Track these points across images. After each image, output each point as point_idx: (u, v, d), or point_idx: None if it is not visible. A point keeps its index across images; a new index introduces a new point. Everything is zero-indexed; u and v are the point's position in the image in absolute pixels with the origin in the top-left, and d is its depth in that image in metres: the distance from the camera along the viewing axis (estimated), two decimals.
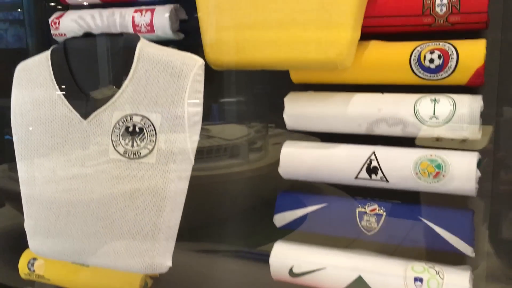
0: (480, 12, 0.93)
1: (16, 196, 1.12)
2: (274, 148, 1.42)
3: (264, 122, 1.37)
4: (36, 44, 2.01)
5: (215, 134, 1.39)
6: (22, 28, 2.12)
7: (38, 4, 2.01)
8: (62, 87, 0.99)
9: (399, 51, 0.99)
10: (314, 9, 0.96)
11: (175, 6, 1.17)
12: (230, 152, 1.42)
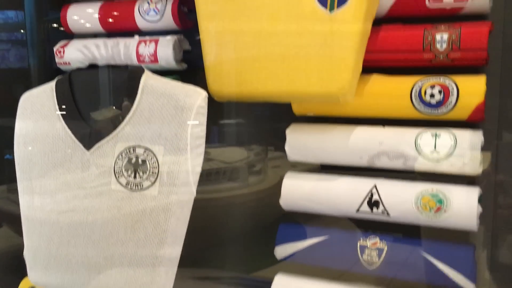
0: (480, 49, 0.94)
1: (14, 218, 1.12)
2: (273, 171, 1.42)
3: (264, 145, 1.37)
4: (38, 64, 2.04)
5: (214, 156, 1.40)
6: (24, 48, 2.15)
7: (41, 25, 2.04)
8: (66, 118, 1.00)
9: (400, 85, 1.00)
10: (317, 44, 0.98)
11: (179, 37, 1.18)
12: (230, 175, 1.42)
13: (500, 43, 1.00)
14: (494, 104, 1.00)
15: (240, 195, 1.42)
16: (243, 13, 1.03)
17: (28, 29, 2.05)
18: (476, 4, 0.96)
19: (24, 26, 2.07)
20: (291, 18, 0.99)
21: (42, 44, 2.06)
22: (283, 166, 1.16)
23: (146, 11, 1.18)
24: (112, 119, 0.97)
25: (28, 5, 2.03)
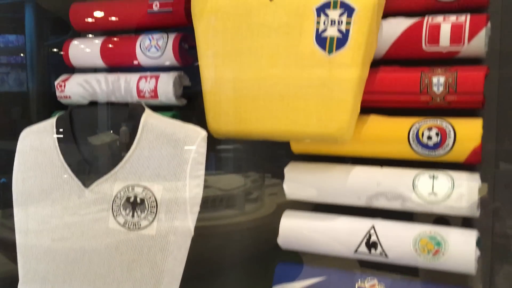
0: (476, 93, 0.96)
1: (8, 244, 1.11)
2: (270, 199, 1.42)
3: (261, 172, 1.38)
4: (36, 88, 2.05)
5: (211, 184, 1.40)
6: (23, 72, 2.16)
7: (41, 50, 2.06)
8: (66, 155, 1.00)
9: (397, 126, 1.01)
10: (316, 85, 0.99)
11: (179, 73, 1.20)
12: (226, 202, 1.42)
13: (496, 87, 1.01)
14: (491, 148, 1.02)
15: (237, 223, 1.42)
16: (243, 53, 1.04)
17: (28, 53, 2.08)
18: (472, 48, 0.97)
19: (24, 50, 2.09)
20: (290, 59, 1.01)
21: (42, 69, 2.07)
22: (280, 194, 1.16)
23: (147, 47, 1.20)
24: (111, 157, 0.98)
25: (29, 30, 2.06)
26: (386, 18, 1.03)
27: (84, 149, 1.00)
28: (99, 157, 0.99)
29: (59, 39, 2.16)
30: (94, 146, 1.00)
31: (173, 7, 1.18)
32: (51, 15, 1.93)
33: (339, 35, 0.97)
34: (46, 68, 2.14)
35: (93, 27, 1.29)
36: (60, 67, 2.10)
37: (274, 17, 1.01)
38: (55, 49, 2.17)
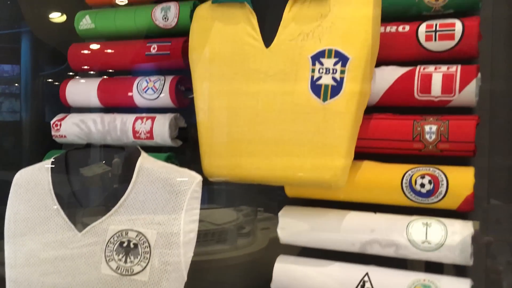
0: (467, 141, 0.98)
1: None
2: (262, 234, 1.41)
3: (253, 206, 1.37)
4: (30, 118, 2.05)
5: (203, 218, 1.39)
6: (17, 101, 2.17)
7: (36, 80, 2.07)
8: (60, 199, 1.00)
9: (391, 173, 1.02)
10: (310, 131, 1.00)
11: (175, 115, 1.21)
12: (218, 237, 1.41)
13: (487, 134, 1.03)
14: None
15: (228, 258, 1.41)
16: (239, 98, 1.06)
17: (23, 83, 2.09)
18: (463, 98, 1.00)
19: (19, 80, 2.11)
20: (285, 105, 1.02)
21: (36, 98, 2.08)
22: (272, 228, 1.15)
23: (144, 89, 1.21)
24: (105, 201, 0.98)
25: (25, 60, 2.07)
26: (380, 66, 1.06)
27: (79, 192, 1.00)
28: (94, 200, 0.99)
29: (54, 70, 2.18)
30: (89, 190, 1.00)
31: (171, 50, 1.20)
32: (47, 46, 1.95)
33: (334, 83, 0.99)
34: (40, 98, 2.15)
35: (91, 67, 1.31)
36: (54, 98, 2.11)
37: (270, 64, 1.03)
38: (50, 80, 2.19)
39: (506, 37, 1.08)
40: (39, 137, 2.05)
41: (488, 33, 1.05)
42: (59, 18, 1.74)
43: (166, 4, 1.21)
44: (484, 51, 1.04)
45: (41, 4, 1.76)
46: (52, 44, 1.90)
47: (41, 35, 1.91)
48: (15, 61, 2.10)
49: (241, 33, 1.06)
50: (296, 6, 1.02)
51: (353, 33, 0.98)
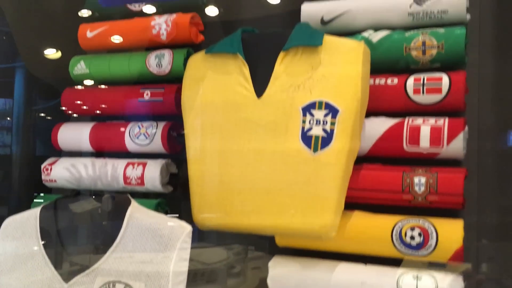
0: (456, 194, 0.99)
1: None
2: (253, 273, 1.39)
3: (244, 244, 1.36)
4: (20, 152, 2.04)
5: (192, 257, 1.37)
6: (8, 135, 2.16)
7: (28, 114, 2.07)
8: (47, 248, 0.98)
9: (381, 225, 1.02)
10: (301, 182, 1.01)
11: (167, 161, 1.21)
12: (208, 277, 1.38)
13: (475, 187, 1.05)
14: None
15: None
16: (230, 147, 1.06)
17: (15, 117, 2.08)
18: (451, 150, 1.01)
19: (11, 114, 2.10)
20: (276, 156, 1.03)
21: (27, 132, 2.08)
22: (263, 268, 1.14)
23: (136, 135, 1.22)
24: (94, 251, 0.96)
25: (18, 94, 2.07)
26: (369, 117, 1.08)
27: (67, 242, 0.99)
28: (82, 251, 0.98)
29: (47, 105, 2.19)
30: (78, 240, 0.99)
31: (164, 97, 1.21)
32: (41, 81, 1.95)
33: (324, 134, 1.00)
34: (32, 133, 2.14)
35: (84, 112, 1.31)
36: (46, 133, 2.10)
37: (261, 114, 1.05)
38: (42, 114, 2.19)
39: (492, 90, 1.10)
40: (29, 171, 2.04)
41: (475, 86, 1.08)
42: (53, 54, 1.76)
43: (160, 52, 1.23)
44: (471, 104, 1.06)
45: (36, 40, 1.78)
46: (46, 79, 1.92)
47: (35, 71, 1.93)
48: (8, 95, 2.10)
49: (233, 83, 1.07)
50: (288, 58, 1.05)
51: (343, 86, 1.00)
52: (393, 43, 1.08)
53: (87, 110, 1.30)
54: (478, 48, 1.10)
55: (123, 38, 1.26)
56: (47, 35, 1.74)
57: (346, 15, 1.14)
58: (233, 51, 1.07)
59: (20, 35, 1.85)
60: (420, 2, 1.08)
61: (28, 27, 1.77)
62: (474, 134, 1.05)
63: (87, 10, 1.39)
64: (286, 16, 1.33)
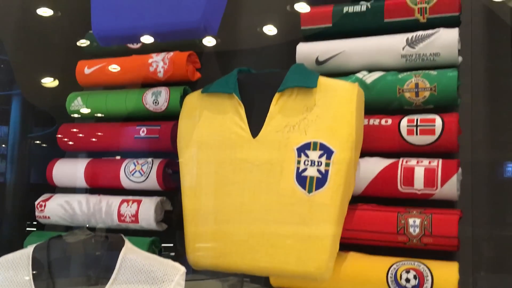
0: (450, 236, 0.99)
1: None
2: None
3: (239, 276, 1.34)
4: (14, 180, 2.03)
5: None
6: (3, 163, 2.15)
7: (23, 142, 2.07)
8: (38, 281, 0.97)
9: (376, 267, 1.02)
10: (296, 222, 1.01)
11: (162, 199, 1.21)
12: None
13: (470, 230, 1.05)
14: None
15: None
16: (225, 186, 1.06)
17: (10, 145, 2.08)
18: (445, 192, 1.02)
19: (7, 141, 2.10)
20: (271, 196, 1.03)
21: (22, 160, 2.07)
22: None
23: (131, 172, 1.22)
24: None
25: (14, 122, 2.08)
26: (364, 157, 1.09)
27: (60, 283, 0.98)
28: None
29: (43, 133, 2.18)
30: (71, 282, 0.98)
31: (160, 134, 1.22)
32: (37, 109, 1.96)
33: (319, 175, 1.01)
34: (27, 160, 2.14)
35: (80, 148, 1.32)
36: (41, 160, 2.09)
37: (256, 154, 1.05)
38: (37, 142, 2.19)
39: (484, 131, 1.12)
40: (23, 199, 2.02)
41: (468, 127, 1.09)
42: (50, 83, 1.77)
43: (157, 89, 1.25)
44: (464, 145, 1.07)
45: (33, 69, 1.79)
46: (42, 107, 1.92)
47: (32, 99, 1.94)
48: (4, 122, 2.10)
49: (229, 122, 1.08)
50: (283, 99, 1.06)
51: (338, 127, 1.01)
52: (387, 84, 1.10)
53: (83, 146, 1.30)
54: (470, 89, 1.12)
55: (121, 75, 1.27)
56: (44, 64, 1.75)
57: (341, 56, 1.16)
58: (229, 91, 1.08)
59: (18, 63, 1.87)
60: (413, 44, 1.10)
61: (26, 56, 1.78)
62: (468, 173, 1.06)
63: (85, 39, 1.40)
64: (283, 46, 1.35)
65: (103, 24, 1.11)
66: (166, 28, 1.09)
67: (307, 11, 1.21)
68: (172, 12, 1.06)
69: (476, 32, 1.14)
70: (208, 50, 1.32)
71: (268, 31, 1.45)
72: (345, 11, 1.17)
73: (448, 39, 1.07)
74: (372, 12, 1.15)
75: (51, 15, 1.71)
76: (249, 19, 1.44)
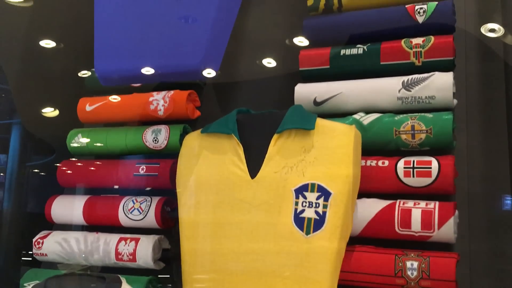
0: (448, 280, 0.99)
1: None
2: None
3: None
4: (11, 209, 2.02)
5: None
6: (0, 191, 2.14)
7: (22, 170, 2.07)
8: None
9: None
10: (293, 264, 1.01)
11: (160, 237, 1.21)
12: None
13: (467, 270, 1.05)
14: None
15: None
16: (223, 226, 1.07)
17: (8, 173, 2.08)
18: (442, 234, 1.02)
19: (5, 170, 2.10)
20: (269, 237, 1.03)
21: (19, 189, 2.07)
22: None
23: (130, 209, 1.22)
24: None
25: (13, 150, 2.08)
26: (361, 198, 1.09)
27: None
28: None
29: (41, 161, 2.19)
30: None
31: (159, 171, 1.23)
32: (36, 138, 1.97)
33: (316, 217, 1.01)
34: (25, 189, 2.14)
35: (79, 185, 1.32)
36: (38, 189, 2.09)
37: (255, 194, 1.06)
38: (36, 170, 2.19)
39: (481, 173, 1.13)
40: (19, 229, 2.01)
41: (463, 169, 1.11)
42: (50, 112, 1.79)
43: (157, 127, 1.26)
44: (460, 187, 1.08)
45: (34, 99, 1.81)
46: (41, 135, 1.94)
47: (31, 128, 1.95)
48: (3, 150, 2.11)
49: (227, 163, 1.09)
50: (281, 140, 1.07)
51: (335, 169, 1.02)
52: (384, 126, 1.12)
53: (83, 183, 1.31)
54: (466, 131, 1.14)
55: (121, 112, 1.29)
56: (45, 94, 1.77)
57: (339, 97, 1.18)
58: (228, 132, 1.10)
59: (19, 93, 1.89)
60: (409, 87, 1.12)
61: (28, 85, 1.81)
62: (465, 215, 1.06)
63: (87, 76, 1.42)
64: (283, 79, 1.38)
65: (106, 65, 1.13)
66: (167, 69, 1.11)
67: (306, 53, 1.23)
68: (173, 54, 1.08)
69: (471, 70, 1.16)
70: (207, 88, 1.34)
71: (267, 64, 1.48)
72: (342, 53, 1.20)
73: (443, 82, 1.09)
74: (368, 55, 1.18)
75: (53, 46, 1.75)
76: (249, 53, 1.47)
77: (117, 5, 1.23)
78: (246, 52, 1.46)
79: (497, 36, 1.21)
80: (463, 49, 1.17)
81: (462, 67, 1.17)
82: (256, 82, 1.42)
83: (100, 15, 1.23)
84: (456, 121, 1.10)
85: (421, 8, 1.14)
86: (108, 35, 1.21)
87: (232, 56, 1.32)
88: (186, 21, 1.15)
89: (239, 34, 1.35)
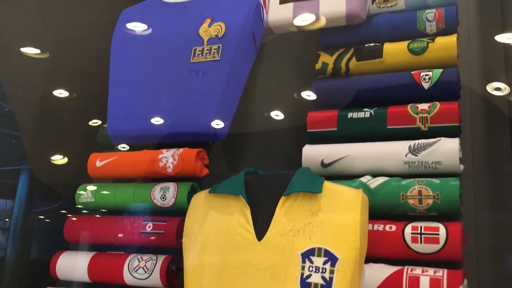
0: None
1: None
2: None
3: None
4: (14, 255, 2.01)
5: None
6: (4, 236, 2.13)
7: (27, 217, 2.07)
8: None
9: None
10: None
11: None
12: None
13: None
14: None
15: None
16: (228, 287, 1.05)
17: (14, 219, 2.08)
18: None
19: (11, 216, 2.10)
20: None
21: (24, 235, 2.06)
22: None
23: (135, 268, 1.21)
24: None
25: (20, 196, 2.09)
26: (368, 263, 1.08)
27: None
28: None
29: (47, 208, 2.20)
30: None
31: (166, 229, 1.23)
32: (43, 184, 1.99)
33: (323, 282, 1.00)
34: (29, 236, 2.13)
35: (85, 240, 1.32)
36: (43, 236, 2.08)
37: (261, 257, 1.05)
38: (41, 217, 2.19)
39: (489, 241, 1.12)
40: (22, 275, 1.99)
41: (472, 236, 1.10)
42: (59, 160, 1.82)
43: (166, 184, 1.27)
44: (469, 255, 1.07)
45: (43, 146, 1.84)
46: (48, 182, 1.95)
47: (39, 175, 1.97)
48: (10, 196, 2.12)
49: (234, 224, 1.09)
50: (288, 203, 1.08)
51: (342, 234, 1.02)
52: (391, 190, 1.12)
53: (89, 239, 1.31)
54: (473, 197, 1.14)
55: (131, 169, 1.31)
56: (55, 142, 1.81)
57: (346, 159, 1.19)
58: (235, 193, 1.11)
59: (29, 139, 1.93)
60: (415, 152, 1.14)
61: (38, 133, 1.84)
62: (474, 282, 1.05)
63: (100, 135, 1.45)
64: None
65: (118, 125, 1.16)
66: (177, 130, 1.14)
67: (314, 115, 1.26)
68: (184, 116, 1.11)
69: (477, 130, 1.18)
70: (215, 146, 1.37)
71: (275, 116, 1.51)
72: (349, 117, 1.22)
73: (449, 148, 1.11)
74: (375, 119, 1.20)
75: (66, 96, 1.80)
76: (258, 111, 1.50)
77: (131, 67, 1.28)
78: (255, 109, 1.50)
79: (503, 94, 1.24)
80: (469, 108, 1.19)
81: (468, 129, 1.19)
82: (264, 140, 1.44)
83: (114, 76, 1.28)
84: (463, 187, 1.10)
85: (426, 75, 1.17)
86: (122, 96, 1.25)
87: (242, 114, 1.34)
88: (199, 83, 1.18)
89: (250, 93, 1.38)
